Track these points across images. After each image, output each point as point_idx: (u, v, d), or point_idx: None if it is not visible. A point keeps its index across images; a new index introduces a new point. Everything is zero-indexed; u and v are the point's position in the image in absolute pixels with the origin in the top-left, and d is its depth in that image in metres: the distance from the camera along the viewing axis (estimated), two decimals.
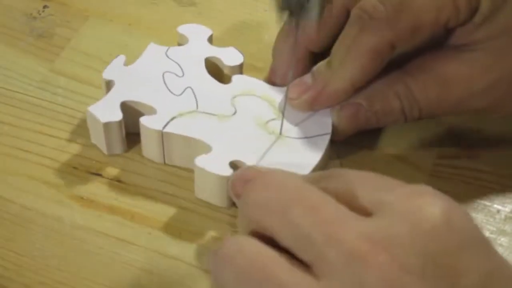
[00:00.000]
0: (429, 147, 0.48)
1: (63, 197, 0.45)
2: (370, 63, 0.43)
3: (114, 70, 0.47)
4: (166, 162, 0.46)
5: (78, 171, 0.46)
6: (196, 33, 0.49)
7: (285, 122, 0.45)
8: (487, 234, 0.44)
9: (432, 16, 0.42)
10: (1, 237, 0.43)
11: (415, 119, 0.45)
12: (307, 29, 0.45)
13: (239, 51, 0.48)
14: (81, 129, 0.48)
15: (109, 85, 0.46)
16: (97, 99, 0.49)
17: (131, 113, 0.46)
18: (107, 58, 0.51)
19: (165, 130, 0.44)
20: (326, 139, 0.44)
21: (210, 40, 0.49)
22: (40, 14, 0.54)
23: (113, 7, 0.55)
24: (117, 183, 0.45)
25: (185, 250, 0.42)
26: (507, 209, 0.45)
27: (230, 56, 0.48)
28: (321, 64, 0.45)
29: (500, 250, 0.44)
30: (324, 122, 0.45)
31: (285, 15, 0.40)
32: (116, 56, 0.47)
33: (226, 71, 0.48)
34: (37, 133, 0.47)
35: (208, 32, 0.49)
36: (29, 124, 0.48)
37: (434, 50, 0.44)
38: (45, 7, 0.54)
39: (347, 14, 0.44)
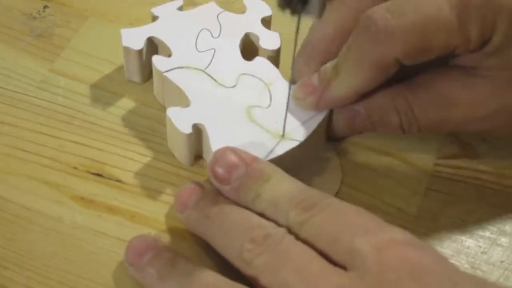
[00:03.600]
0: (429, 147, 0.48)
1: (63, 197, 0.45)
2: (375, 74, 0.43)
3: (164, 9, 0.50)
4: (166, 105, 0.48)
5: (78, 171, 0.46)
6: (255, 8, 0.50)
7: (269, 113, 0.45)
8: (487, 234, 0.44)
9: (441, 40, 0.41)
10: (1, 237, 0.43)
11: (413, 133, 0.45)
12: (324, 39, 0.45)
13: (280, 38, 0.49)
14: (81, 129, 0.48)
15: (153, 19, 0.50)
16: (97, 99, 0.49)
17: (156, 50, 0.49)
18: (107, 58, 0.51)
19: (165, 74, 0.46)
20: (290, 145, 0.44)
21: (267, 19, 0.50)
22: (40, 14, 0.54)
23: (113, 7, 0.55)
24: (117, 183, 0.45)
25: (185, 250, 0.42)
26: (507, 209, 0.45)
27: (268, 39, 0.49)
28: (328, 67, 0.44)
29: (500, 250, 0.44)
30: (303, 130, 0.44)
31: (286, 12, 0.40)
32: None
33: (260, 51, 0.49)
34: (37, 133, 0.47)
35: (267, 11, 0.50)
36: (28, 124, 0.48)
37: (440, 68, 0.44)
38: (45, 7, 0.54)
39: None
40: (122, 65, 0.50)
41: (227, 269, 0.39)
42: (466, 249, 0.44)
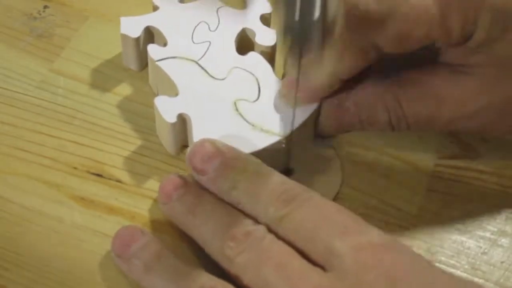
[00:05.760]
0: (429, 147, 0.48)
1: (63, 197, 0.45)
2: (356, 61, 0.43)
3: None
4: (158, 94, 0.48)
5: (78, 171, 0.46)
6: (256, 5, 0.50)
7: (255, 107, 0.45)
8: (487, 235, 0.44)
9: (422, 31, 0.41)
10: (1, 237, 0.43)
11: (402, 131, 0.45)
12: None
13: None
14: (81, 129, 0.48)
15: (154, 9, 0.50)
16: (96, 99, 0.49)
17: (153, 40, 0.50)
18: (107, 58, 0.51)
19: (158, 63, 0.47)
20: (272, 140, 0.44)
21: (267, 16, 0.50)
22: (40, 14, 0.54)
23: (113, 7, 0.55)
24: (117, 183, 0.45)
25: (185, 251, 0.42)
26: (507, 210, 0.45)
27: (264, 35, 0.49)
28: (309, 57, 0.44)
29: (500, 250, 0.44)
30: (287, 125, 0.44)
31: (288, 41, 0.40)
32: None
33: (256, 47, 0.49)
34: (37, 133, 0.47)
35: (267, 8, 0.50)
36: (29, 124, 0.48)
37: (429, 65, 0.44)
38: (45, 7, 0.54)
39: None
40: (122, 65, 0.50)
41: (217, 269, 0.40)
42: (466, 249, 0.44)
